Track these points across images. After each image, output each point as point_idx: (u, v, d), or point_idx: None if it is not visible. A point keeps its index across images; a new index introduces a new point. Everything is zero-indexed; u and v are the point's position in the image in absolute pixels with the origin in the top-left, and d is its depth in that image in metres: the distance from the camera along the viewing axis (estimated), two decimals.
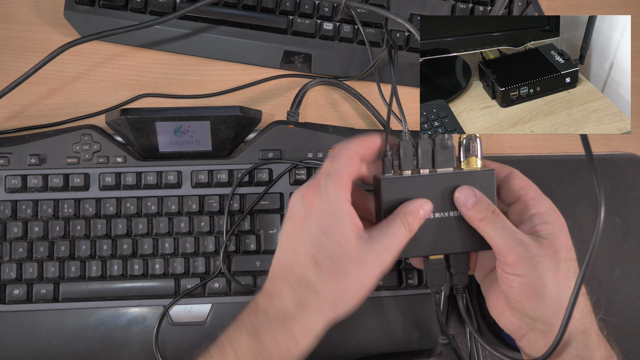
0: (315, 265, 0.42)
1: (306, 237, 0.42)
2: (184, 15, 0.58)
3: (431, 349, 0.55)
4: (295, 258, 0.42)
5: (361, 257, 0.42)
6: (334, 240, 0.42)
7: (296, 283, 0.42)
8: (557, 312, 0.44)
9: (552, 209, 0.47)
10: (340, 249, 0.42)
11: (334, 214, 0.42)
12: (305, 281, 0.42)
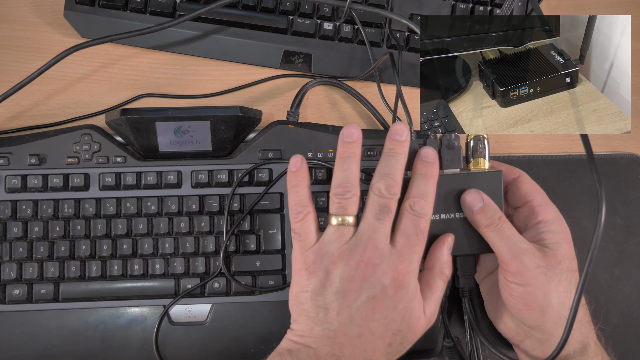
0: (388, 348, 0.42)
1: (388, 323, 0.42)
2: (183, 16, 0.58)
3: (431, 349, 0.55)
4: (371, 341, 0.42)
5: (422, 331, 0.44)
6: (410, 328, 0.42)
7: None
8: (557, 323, 0.44)
9: (558, 217, 0.47)
10: (413, 334, 0.43)
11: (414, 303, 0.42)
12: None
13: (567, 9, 0.64)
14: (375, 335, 0.41)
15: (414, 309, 0.42)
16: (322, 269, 0.43)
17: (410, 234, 0.43)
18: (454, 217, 0.47)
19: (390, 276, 0.42)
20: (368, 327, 0.41)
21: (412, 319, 0.42)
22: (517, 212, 0.49)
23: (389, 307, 0.42)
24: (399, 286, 0.42)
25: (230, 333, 0.53)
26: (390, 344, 0.42)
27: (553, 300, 0.44)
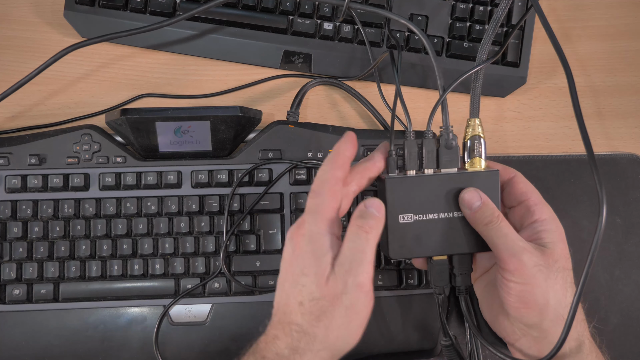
0: (300, 308, 0.41)
1: (292, 279, 0.42)
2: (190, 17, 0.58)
3: (431, 349, 0.55)
4: (287, 301, 0.42)
5: (339, 294, 0.41)
6: (312, 282, 0.41)
7: (289, 328, 0.42)
8: (553, 321, 0.44)
9: (552, 216, 0.47)
10: (318, 290, 0.41)
11: (314, 252, 0.42)
12: (296, 325, 0.41)
13: (567, 9, 0.64)
14: (288, 294, 0.42)
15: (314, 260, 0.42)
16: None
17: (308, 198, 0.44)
18: (452, 216, 0.47)
19: (293, 235, 0.43)
20: (283, 288, 0.43)
21: (311, 271, 0.41)
22: (513, 212, 0.49)
23: (291, 264, 0.43)
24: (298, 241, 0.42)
25: (230, 333, 0.53)
26: (301, 303, 0.41)
27: (550, 299, 0.44)
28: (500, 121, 0.62)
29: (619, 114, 0.62)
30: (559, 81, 0.63)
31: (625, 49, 0.64)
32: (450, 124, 0.47)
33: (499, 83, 0.61)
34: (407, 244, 0.47)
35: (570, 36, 0.64)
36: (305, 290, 0.41)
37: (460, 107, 0.61)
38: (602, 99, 0.63)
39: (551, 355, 0.43)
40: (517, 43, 0.60)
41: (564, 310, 0.44)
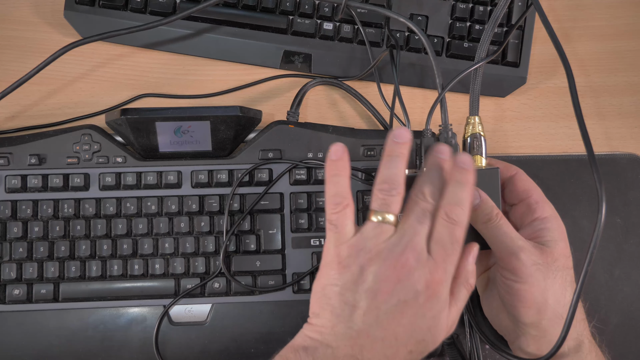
0: (409, 356, 0.40)
1: (414, 331, 0.39)
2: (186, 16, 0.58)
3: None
4: (394, 348, 0.39)
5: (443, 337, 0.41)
6: (434, 338, 0.40)
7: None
8: (552, 320, 0.44)
9: (554, 215, 0.47)
10: (434, 345, 0.40)
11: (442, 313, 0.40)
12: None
13: (566, 8, 0.64)
14: (399, 341, 0.39)
15: (441, 320, 0.40)
16: (357, 264, 0.40)
17: (446, 242, 0.40)
18: None
19: (425, 283, 0.39)
20: (393, 331, 0.39)
21: (437, 329, 0.40)
22: (514, 209, 0.49)
23: (417, 314, 0.39)
24: (432, 295, 0.39)
25: (230, 333, 0.53)
26: (411, 352, 0.40)
27: (549, 298, 0.44)
28: (500, 121, 0.62)
29: (619, 114, 0.62)
30: (559, 81, 0.63)
31: (625, 49, 0.64)
32: (449, 122, 0.47)
33: (499, 83, 0.61)
34: None
35: (571, 36, 0.64)
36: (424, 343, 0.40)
37: (459, 106, 0.61)
38: (602, 99, 0.63)
39: (550, 355, 0.43)
40: (517, 43, 0.60)
41: (562, 309, 0.44)
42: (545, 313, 0.44)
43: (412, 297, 0.39)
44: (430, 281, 0.39)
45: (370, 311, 0.39)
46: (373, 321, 0.39)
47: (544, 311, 0.44)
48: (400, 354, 0.39)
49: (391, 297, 0.39)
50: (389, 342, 0.39)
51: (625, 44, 0.64)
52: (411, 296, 0.39)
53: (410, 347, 0.39)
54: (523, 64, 0.61)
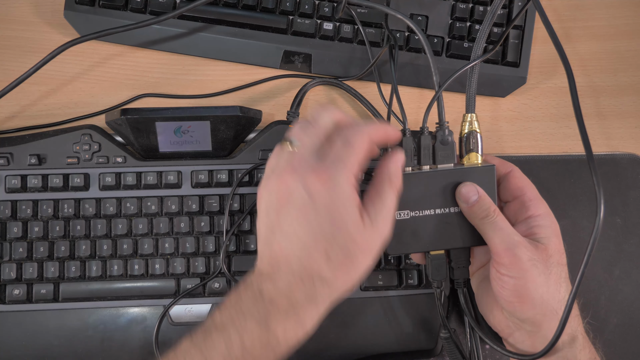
0: (327, 259, 0.40)
1: (316, 229, 0.40)
2: (183, 15, 0.58)
3: (431, 349, 0.55)
4: (305, 252, 0.40)
5: (368, 242, 0.41)
6: (345, 232, 0.40)
7: (308, 277, 0.40)
8: (546, 316, 0.45)
9: (547, 212, 0.48)
10: (351, 240, 0.40)
11: (344, 205, 0.40)
12: (318, 275, 0.40)
13: (566, 8, 0.64)
14: (307, 244, 0.40)
15: (345, 211, 0.40)
16: (262, 189, 0.42)
17: (337, 145, 0.41)
18: (449, 212, 0.47)
19: (310, 181, 0.40)
20: (297, 237, 0.40)
21: (343, 221, 0.40)
22: (508, 206, 0.50)
23: (310, 212, 0.40)
24: (320, 190, 0.40)
25: None
26: (327, 253, 0.40)
27: (544, 294, 0.45)
28: (500, 121, 0.62)
29: (619, 114, 0.62)
30: (559, 81, 0.63)
31: (625, 49, 0.64)
32: (446, 120, 0.47)
33: (498, 83, 0.61)
34: (404, 240, 0.47)
35: (571, 36, 0.64)
36: (337, 241, 0.40)
37: (460, 106, 0.61)
38: (602, 98, 0.63)
39: (545, 351, 0.44)
40: (517, 43, 0.60)
41: (557, 305, 0.45)
42: (540, 308, 0.45)
43: (300, 199, 0.40)
44: (316, 177, 0.40)
45: (275, 225, 0.41)
46: (279, 234, 0.41)
47: (539, 307, 0.45)
48: (317, 258, 0.40)
49: (288, 205, 0.40)
50: (298, 247, 0.40)
51: (625, 44, 0.64)
52: (298, 197, 0.40)
53: (323, 247, 0.40)
54: (523, 64, 0.61)
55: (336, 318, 0.54)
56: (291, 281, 0.40)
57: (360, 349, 0.54)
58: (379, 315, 0.54)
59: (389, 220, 0.42)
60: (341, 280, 0.41)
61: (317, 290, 0.40)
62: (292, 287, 0.40)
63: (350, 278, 0.41)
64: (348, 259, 0.40)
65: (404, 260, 0.55)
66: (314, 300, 0.40)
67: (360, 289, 0.55)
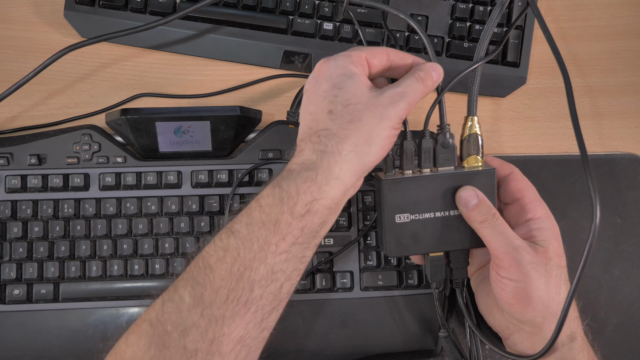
0: (330, 115, 0.42)
1: (320, 96, 0.43)
2: (184, 16, 0.58)
3: (431, 349, 0.55)
4: (312, 118, 0.43)
5: (375, 103, 0.42)
6: (347, 91, 0.42)
7: (315, 136, 0.42)
8: (546, 317, 0.45)
9: (547, 214, 0.48)
10: (354, 96, 0.42)
11: (344, 72, 0.43)
12: (323, 131, 0.42)
13: (566, 8, 0.64)
14: (313, 112, 0.43)
15: (346, 76, 0.43)
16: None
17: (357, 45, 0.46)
18: (449, 215, 0.47)
19: (318, 69, 0.44)
20: (308, 111, 0.44)
21: (345, 83, 0.43)
22: (508, 208, 0.50)
23: (315, 87, 0.44)
24: (321, 69, 0.44)
25: None
26: (330, 110, 0.42)
27: (544, 296, 0.45)
28: (500, 121, 0.62)
29: (619, 114, 0.63)
30: (559, 81, 0.63)
31: (625, 49, 0.64)
32: (447, 123, 0.47)
33: (499, 83, 0.61)
34: (403, 243, 0.47)
35: (570, 36, 0.64)
36: (338, 99, 0.42)
37: (460, 106, 0.61)
38: (601, 99, 0.63)
39: (543, 352, 0.44)
40: (517, 43, 0.60)
41: (557, 307, 0.45)
42: (540, 311, 0.45)
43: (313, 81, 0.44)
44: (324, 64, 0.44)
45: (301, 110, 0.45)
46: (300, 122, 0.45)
47: (540, 309, 0.45)
48: (320, 117, 0.43)
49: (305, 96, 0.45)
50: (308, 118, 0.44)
51: (624, 44, 0.64)
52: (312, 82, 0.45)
53: (326, 106, 0.43)
54: (523, 64, 0.61)
55: (336, 318, 0.54)
56: (302, 147, 0.42)
57: (360, 348, 0.54)
58: (379, 315, 0.54)
59: (405, 97, 0.43)
60: (349, 135, 0.41)
61: (323, 143, 0.42)
62: (303, 149, 0.42)
63: (359, 135, 0.42)
64: (352, 114, 0.42)
65: (404, 261, 0.55)
66: (323, 153, 0.41)
67: (360, 289, 0.55)
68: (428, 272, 0.49)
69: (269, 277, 0.40)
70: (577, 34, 0.64)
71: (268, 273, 0.40)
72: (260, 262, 0.40)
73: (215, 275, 0.40)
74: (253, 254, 0.40)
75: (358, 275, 0.55)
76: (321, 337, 0.54)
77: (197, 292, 0.39)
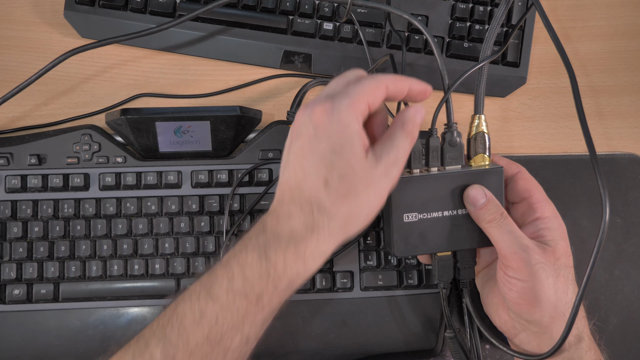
0: (325, 186, 0.40)
1: (316, 157, 0.40)
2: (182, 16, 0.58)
3: (431, 349, 0.55)
4: (305, 179, 0.40)
5: (370, 176, 0.40)
6: (344, 160, 0.40)
7: (307, 204, 0.40)
8: (554, 318, 0.45)
9: (555, 214, 0.48)
10: (351, 169, 0.40)
11: (344, 134, 0.40)
12: (316, 202, 0.40)
13: (566, 8, 0.64)
14: (307, 172, 0.40)
15: (345, 138, 0.40)
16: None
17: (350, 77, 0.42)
18: (456, 214, 0.47)
19: (315, 114, 0.40)
20: (300, 166, 0.40)
21: (343, 149, 0.40)
22: (515, 208, 0.50)
23: (313, 142, 0.40)
24: (322, 119, 0.40)
25: None
26: (326, 180, 0.40)
27: (552, 296, 0.45)
28: (500, 121, 0.62)
29: (619, 114, 0.62)
30: (559, 81, 0.63)
31: (625, 49, 0.64)
32: (454, 121, 0.47)
33: (499, 83, 0.61)
34: (411, 242, 0.47)
35: (571, 36, 0.64)
36: (335, 169, 0.40)
37: (459, 106, 0.61)
38: (602, 98, 0.63)
39: (552, 352, 0.44)
40: (517, 43, 0.60)
41: (564, 307, 0.45)
42: (548, 311, 0.45)
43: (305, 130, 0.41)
44: (322, 110, 0.40)
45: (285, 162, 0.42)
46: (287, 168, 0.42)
47: (547, 309, 0.45)
48: (315, 184, 0.40)
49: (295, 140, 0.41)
50: (300, 176, 0.41)
51: (624, 44, 0.64)
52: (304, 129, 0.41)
53: (322, 174, 0.40)
54: (523, 64, 0.61)
55: (336, 318, 0.54)
56: (291, 210, 0.40)
57: (360, 348, 0.54)
58: (379, 315, 0.54)
59: (398, 163, 0.41)
60: (341, 211, 0.40)
61: (315, 218, 0.40)
62: (292, 215, 0.40)
63: (351, 211, 0.40)
64: (347, 188, 0.40)
65: (404, 260, 0.55)
66: (313, 230, 0.40)
67: (360, 289, 0.55)
68: (436, 272, 0.49)
69: (243, 344, 0.40)
70: (578, 34, 0.64)
71: (243, 341, 0.40)
72: (236, 331, 0.39)
73: (189, 337, 0.39)
74: (232, 323, 0.39)
75: (358, 275, 0.55)
76: (321, 337, 0.54)
77: (169, 352, 0.38)
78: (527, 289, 0.45)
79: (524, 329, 0.47)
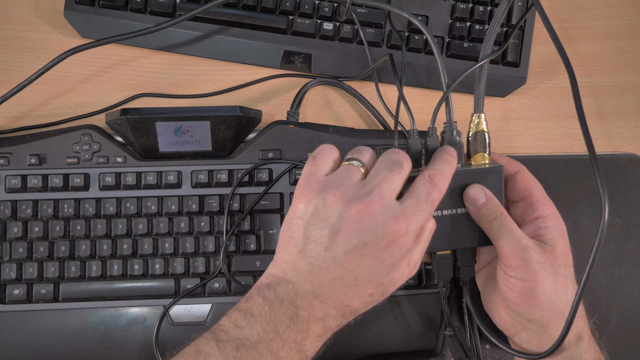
0: (368, 300, 0.41)
1: (373, 273, 0.40)
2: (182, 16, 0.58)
3: (431, 349, 0.55)
4: (353, 289, 0.40)
5: (402, 277, 0.42)
6: (395, 283, 0.42)
7: (347, 313, 0.41)
8: (553, 317, 0.45)
9: (555, 213, 0.48)
10: (394, 288, 0.42)
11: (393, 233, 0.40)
12: (353, 312, 0.42)
13: (566, 8, 0.64)
14: (358, 282, 0.40)
15: (401, 268, 0.41)
16: (322, 198, 0.40)
17: (421, 197, 0.41)
18: (456, 213, 0.47)
19: (387, 229, 0.39)
20: (352, 272, 0.40)
21: (396, 275, 0.41)
22: (515, 206, 0.50)
23: (377, 258, 0.40)
24: (393, 242, 0.40)
25: None
26: (371, 295, 0.41)
27: (551, 295, 0.45)
28: (500, 121, 0.62)
29: (620, 114, 0.62)
30: (559, 81, 0.63)
31: (625, 49, 0.64)
32: (454, 120, 0.47)
33: (499, 83, 0.61)
34: None
35: (571, 36, 0.64)
36: (384, 288, 0.41)
37: (459, 106, 0.61)
38: (602, 98, 0.63)
39: (551, 351, 0.44)
40: (517, 43, 0.60)
41: (564, 306, 0.45)
42: (547, 310, 0.45)
43: (373, 240, 0.39)
44: (394, 228, 0.40)
45: (330, 248, 0.40)
46: (332, 259, 0.40)
47: (547, 308, 0.45)
48: (360, 295, 0.40)
49: (352, 237, 0.39)
50: (348, 282, 0.40)
51: (625, 44, 0.64)
52: (371, 238, 0.39)
53: (370, 290, 0.40)
54: (523, 64, 0.61)
55: None
56: (331, 313, 0.40)
57: (360, 348, 0.54)
58: (380, 314, 0.54)
59: (419, 260, 0.44)
60: (367, 306, 0.43)
61: (346, 320, 0.42)
62: (330, 318, 0.41)
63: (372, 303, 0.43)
64: (383, 297, 0.42)
65: None
66: (337, 327, 0.42)
67: None
68: (435, 270, 0.49)
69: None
70: (578, 34, 0.64)
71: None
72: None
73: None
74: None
75: None
76: None
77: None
78: (526, 288, 0.45)
79: (524, 327, 0.47)
